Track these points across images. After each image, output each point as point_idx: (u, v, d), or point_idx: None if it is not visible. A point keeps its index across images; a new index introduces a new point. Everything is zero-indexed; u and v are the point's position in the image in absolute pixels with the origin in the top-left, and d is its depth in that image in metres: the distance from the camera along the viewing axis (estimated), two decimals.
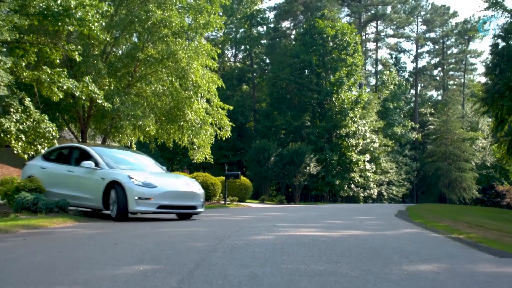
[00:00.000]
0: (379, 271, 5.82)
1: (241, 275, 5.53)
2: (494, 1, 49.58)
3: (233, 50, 75.11)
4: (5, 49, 21.94)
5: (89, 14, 24.46)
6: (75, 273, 5.69)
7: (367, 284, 5.06)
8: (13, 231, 10.03)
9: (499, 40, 46.99)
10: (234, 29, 69.37)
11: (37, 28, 25.41)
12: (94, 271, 5.81)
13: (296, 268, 5.96)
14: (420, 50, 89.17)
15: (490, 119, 63.70)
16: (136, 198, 13.92)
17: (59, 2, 23.77)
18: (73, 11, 23.97)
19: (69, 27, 24.22)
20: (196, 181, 16.76)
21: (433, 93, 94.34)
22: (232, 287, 4.96)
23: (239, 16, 66.87)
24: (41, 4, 23.69)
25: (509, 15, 46.56)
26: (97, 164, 15.24)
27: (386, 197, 69.07)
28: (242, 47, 72.85)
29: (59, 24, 24.04)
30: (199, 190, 15.83)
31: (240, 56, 75.67)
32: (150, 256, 6.86)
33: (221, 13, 38.08)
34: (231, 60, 74.89)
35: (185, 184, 15.56)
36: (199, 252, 7.14)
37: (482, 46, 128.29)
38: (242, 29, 69.69)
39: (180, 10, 33.76)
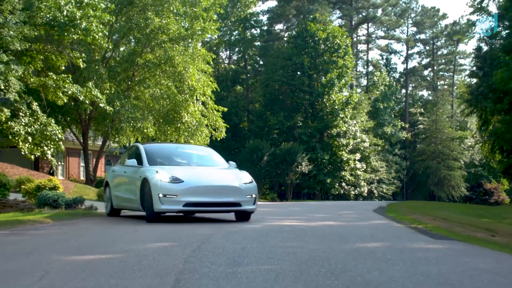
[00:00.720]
0: (336, 246, 7.79)
1: (235, 248, 7.53)
2: (479, 6, 51.59)
3: (228, 52, 76.88)
4: (13, 58, 23.72)
5: (93, 24, 26.28)
6: (116, 246, 7.80)
7: (324, 253, 6.99)
8: (45, 222, 12.00)
9: (482, 44, 48.88)
10: (228, 32, 71.12)
11: (43, 37, 27.19)
12: (129, 245, 7.90)
13: (275, 244, 7.98)
14: (410, 52, 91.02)
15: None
16: (160, 195, 12.23)
17: (65, 13, 25.54)
18: (78, 21, 25.75)
19: (74, 36, 26.16)
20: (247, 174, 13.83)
21: (424, 93, 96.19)
22: (228, 254, 6.88)
23: (233, 19, 68.62)
24: (48, 15, 25.50)
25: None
26: (140, 161, 13.84)
27: (376, 195, 70.85)
28: (236, 49, 74.64)
29: (65, 33, 25.85)
30: (243, 184, 13.06)
31: (234, 57, 77.42)
32: (167, 237, 8.96)
33: (216, 14, 39.80)
34: (226, 61, 76.62)
35: (223, 178, 13.21)
36: (202, 236, 9.13)
37: (470, 48, 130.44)
38: (236, 32, 71.49)
39: (177, 18, 35.60)
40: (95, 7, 27.14)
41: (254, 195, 13.25)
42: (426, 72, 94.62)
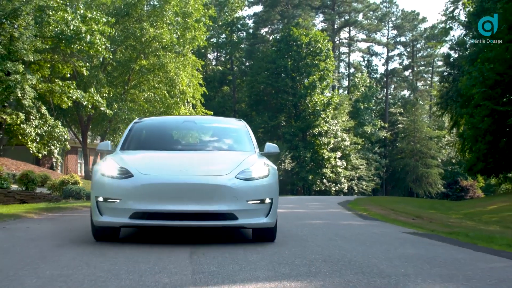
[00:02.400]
0: (291, 222, 11.35)
1: None
2: (451, 15, 55.20)
3: (215, 54, 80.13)
4: (23, 67, 26.95)
5: (97, 38, 29.70)
6: None
7: (280, 226, 10.48)
8: (80, 208, 15.45)
9: (452, 52, 52.53)
10: (216, 35, 74.40)
11: (51, 48, 30.54)
12: None
13: None
14: (391, 54, 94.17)
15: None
16: (100, 199, 7.63)
17: (71, 27, 28.93)
18: (83, 35, 29.16)
19: (79, 47, 29.58)
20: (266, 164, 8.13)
21: (405, 93, 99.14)
22: None
23: (220, 23, 71.89)
24: (56, 29, 28.86)
25: (463, 27, 51.84)
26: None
27: (356, 191, 73.85)
28: (224, 51, 78.01)
29: (72, 46, 29.27)
30: (245, 179, 7.63)
31: (222, 59, 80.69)
32: None
33: (205, 25, 43.09)
34: (213, 63, 79.83)
35: (212, 169, 7.89)
36: None
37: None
38: (224, 35, 74.86)
39: (170, 28, 39.07)
40: (98, 21, 30.60)
41: (267, 200, 7.61)
42: (406, 73, 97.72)
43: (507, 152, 36.58)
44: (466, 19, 46.79)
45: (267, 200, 7.61)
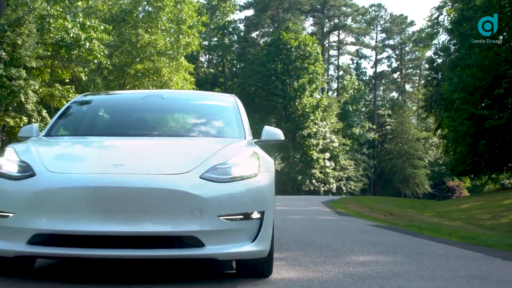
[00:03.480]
0: (275, 218, 13.06)
1: None
2: (436, 21, 56.98)
3: (207, 56, 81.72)
4: (25, 72, 28.51)
5: (96, 45, 31.31)
6: None
7: None
8: None
9: (436, 57, 54.35)
10: (207, 38, 75.99)
11: (52, 54, 32.13)
12: None
13: None
14: (379, 56, 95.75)
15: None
16: None
17: (71, 35, 30.55)
18: (83, 42, 30.77)
19: (77, 53, 31.19)
20: (254, 157, 5.07)
21: (394, 94, 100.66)
22: None
23: (212, 26, 73.47)
24: (57, 36, 30.47)
25: (447, 33, 53.54)
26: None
27: (345, 191, 75.27)
28: (215, 54, 79.65)
29: (72, 52, 30.88)
30: (219, 179, 4.65)
31: (214, 61, 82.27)
32: None
33: (198, 23, 44.60)
34: (205, 65, 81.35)
35: (166, 164, 4.84)
36: None
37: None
38: (215, 38, 76.51)
39: (164, 34, 40.75)
40: (96, 29, 32.23)
41: (254, 214, 4.74)
42: (395, 76, 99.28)
43: (485, 154, 38.32)
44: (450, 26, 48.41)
45: (255, 215, 4.64)
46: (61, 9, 31.17)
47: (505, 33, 37.13)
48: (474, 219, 18.00)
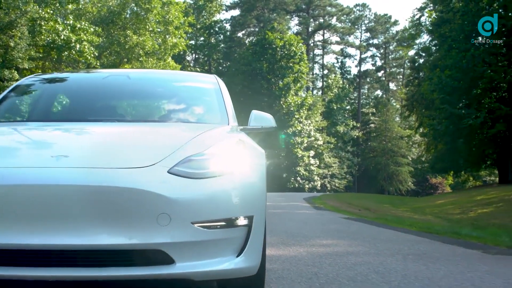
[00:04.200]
0: None
1: None
2: (417, 21, 58.17)
3: (194, 55, 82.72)
4: (17, 73, 29.45)
5: (86, 47, 32.29)
6: None
7: None
8: None
9: (417, 57, 55.57)
10: (194, 38, 77.00)
11: (43, 56, 33.07)
12: None
13: None
14: (364, 55, 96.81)
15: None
16: None
17: (62, 37, 31.52)
18: (73, 44, 31.72)
19: (69, 54, 32.14)
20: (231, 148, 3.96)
21: (378, 93, 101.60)
22: None
23: (198, 26, 74.47)
24: (48, 38, 31.43)
25: (428, 34, 54.66)
26: None
27: (329, 188, 76.28)
28: (202, 54, 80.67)
29: (62, 54, 31.82)
30: (194, 173, 3.49)
31: (200, 61, 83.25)
32: None
33: (184, 24, 45.57)
34: (191, 65, 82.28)
35: (123, 155, 3.69)
36: None
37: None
38: (202, 38, 77.55)
39: (152, 35, 41.78)
40: (86, 31, 33.22)
41: (239, 220, 3.57)
42: (379, 74, 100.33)
43: (463, 152, 39.64)
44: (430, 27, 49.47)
45: (241, 221, 3.58)
46: (52, 12, 32.02)
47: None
48: (444, 214, 19.22)
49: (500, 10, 37.75)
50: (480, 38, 40.02)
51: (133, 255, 3.28)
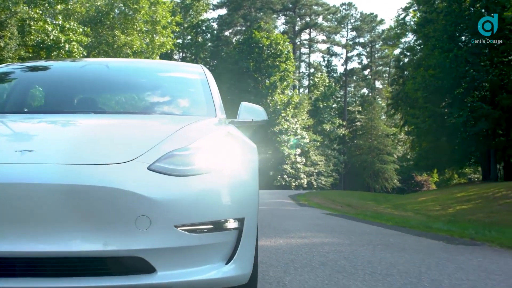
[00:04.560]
0: None
1: None
2: (402, 21, 58.93)
3: (181, 54, 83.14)
4: None
5: (75, 47, 32.74)
6: None
7: None
8: None
9: (402, 56, 56.33)
10: (181, 36, 77.46)
11: (33, 56, 33.47)
12: None
13: None
14: (350, 54, 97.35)
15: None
16: None
17: (51, 37, 31.96)
18: (62, 44, 32.16)
19: (58, 54, 32.55)
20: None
21: (364, 91, 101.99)
22: None
23: (186, 25, 74.92)
24: (37, 38, 31.86)
25: (412, 34, 55.38)
26: None
27: (315, 186, 76.77)
28: (189, 52, 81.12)
29: (51, 54, 32.24)
30: (175, 170, 3.11)
31: (187, 59, 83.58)
32: None
33: (171, 23, 46.02)
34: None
35: (98, 150, 3.26)
36: None
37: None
38: (189, 36, 78.01)
39: (139, 34, 42.27)
40: (75, 31, 33.67)
41: (229, 223, 3.21)
42: (365, 73, 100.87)
43: (446, 150, 40.44)
44: (414, 27, 50.16)
45: (230, 224, 3.22)
46: (41, 12, 32.45)
47: (469, 35, 39.32)
48: (424, 210, 19.95)
49: (483, 11, 38.68)
50: (463, 38, 41.08)
51: (109, 263, 2.93)
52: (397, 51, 66.36)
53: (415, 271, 5.01)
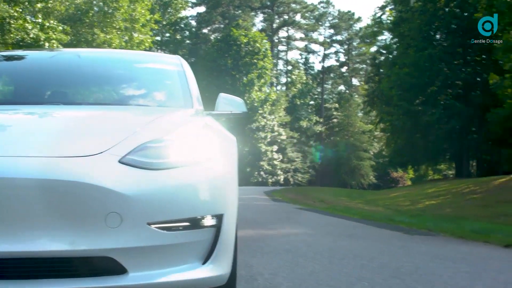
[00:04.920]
0: None
1: None
2: (378, 20, 59.58)
3: (159, 51, 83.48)
4: None
5: (55, 45, 33.03)
6: None
7: None
8: None
9: (378, 54, 56.98)
10: (160, 34, 77.74)
11: None
12: None
13: None
14: (327, 51, 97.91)
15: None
16: None
17: (31, 35, 32.25)
18: (42, 43, 32.45)
19: None
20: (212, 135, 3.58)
21: (342, 88, 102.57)
22: None
23: (164, 23, 75.18)
24: (17, 37, 32.13)
25: (388, 32, 56.00)
26: None
27: (292, 182, 77.14)
28: (167, 50, 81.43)
29: None
30: (149, 163, 2.93)
31: None
32: None
33: (150, 21, 46.41)
34: None
35: (66, 142, 3.03)
36: None
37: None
38: (168, 34, 78.33)
39: (118, 32, 42.65)
40: (55, 29, 33.97)
41: (206, 220, 3.02)
42: (343, 70, 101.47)
43: (420, 146, 41.22)
44: (390, 25, 50.72)
45: (208, 221, 3.03)
46: (21, 10, 32.69)
47: (443, 34, 40.15)
48: (395, 205, 20.63)
49: (457, 10, 39.51)
50: (437, 37, 41.90)
51: (77, 263, 2.73)
52: (373, 49, 66.91)
53: (368, 256, 5.69)
